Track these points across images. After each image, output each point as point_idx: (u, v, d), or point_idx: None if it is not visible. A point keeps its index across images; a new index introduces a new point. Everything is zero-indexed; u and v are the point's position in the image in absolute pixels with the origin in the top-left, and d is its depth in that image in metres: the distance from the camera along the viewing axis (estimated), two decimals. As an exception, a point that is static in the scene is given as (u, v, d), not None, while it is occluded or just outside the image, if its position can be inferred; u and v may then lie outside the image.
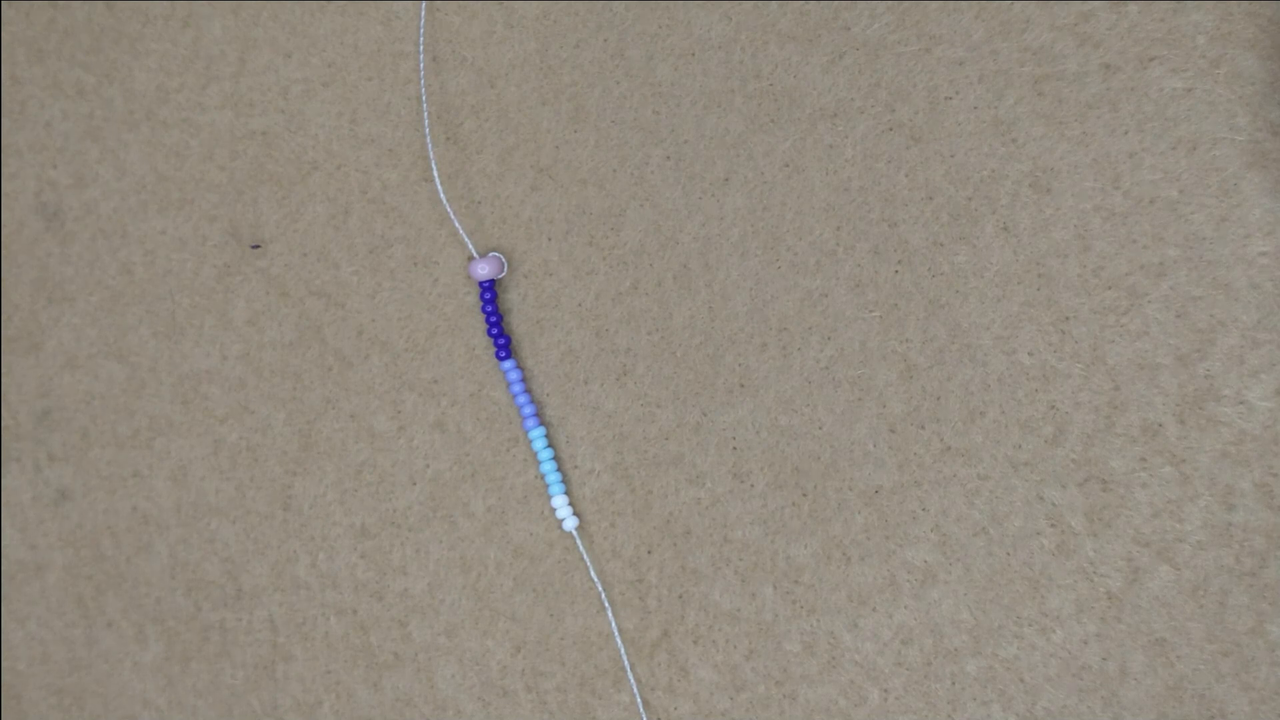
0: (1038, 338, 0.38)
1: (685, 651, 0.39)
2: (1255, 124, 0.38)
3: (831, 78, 0.40)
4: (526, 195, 0.41)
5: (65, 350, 0.43)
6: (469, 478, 0.40)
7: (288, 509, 0.41)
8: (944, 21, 0.39)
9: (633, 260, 0.40)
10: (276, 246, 0.42)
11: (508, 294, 0.41)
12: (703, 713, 0.39)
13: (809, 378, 0.39)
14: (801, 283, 0.39)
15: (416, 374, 0.41)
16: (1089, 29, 0.39)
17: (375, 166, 0.42)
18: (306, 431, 0.41)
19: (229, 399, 0.42)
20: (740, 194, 0.40)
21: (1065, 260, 0.38)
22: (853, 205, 0.39)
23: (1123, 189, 0.38)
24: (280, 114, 0.42)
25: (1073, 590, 0.37)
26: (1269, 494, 0.36)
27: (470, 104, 0.42)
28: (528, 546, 0.40)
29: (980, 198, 0.39)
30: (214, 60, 0.43)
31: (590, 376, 0.40)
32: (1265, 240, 0.37)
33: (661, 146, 0.41)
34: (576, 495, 0.40)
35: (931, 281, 0.39)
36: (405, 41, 0.42)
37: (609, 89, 0.41)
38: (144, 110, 0.43)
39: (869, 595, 0.38)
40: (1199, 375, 0.37)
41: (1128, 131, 0.38)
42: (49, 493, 0.42)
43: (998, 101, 0.39)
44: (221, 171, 0.43)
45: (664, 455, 0.40)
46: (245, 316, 0.42)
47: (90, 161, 0.43)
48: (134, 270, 0.43)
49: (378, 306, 0.41)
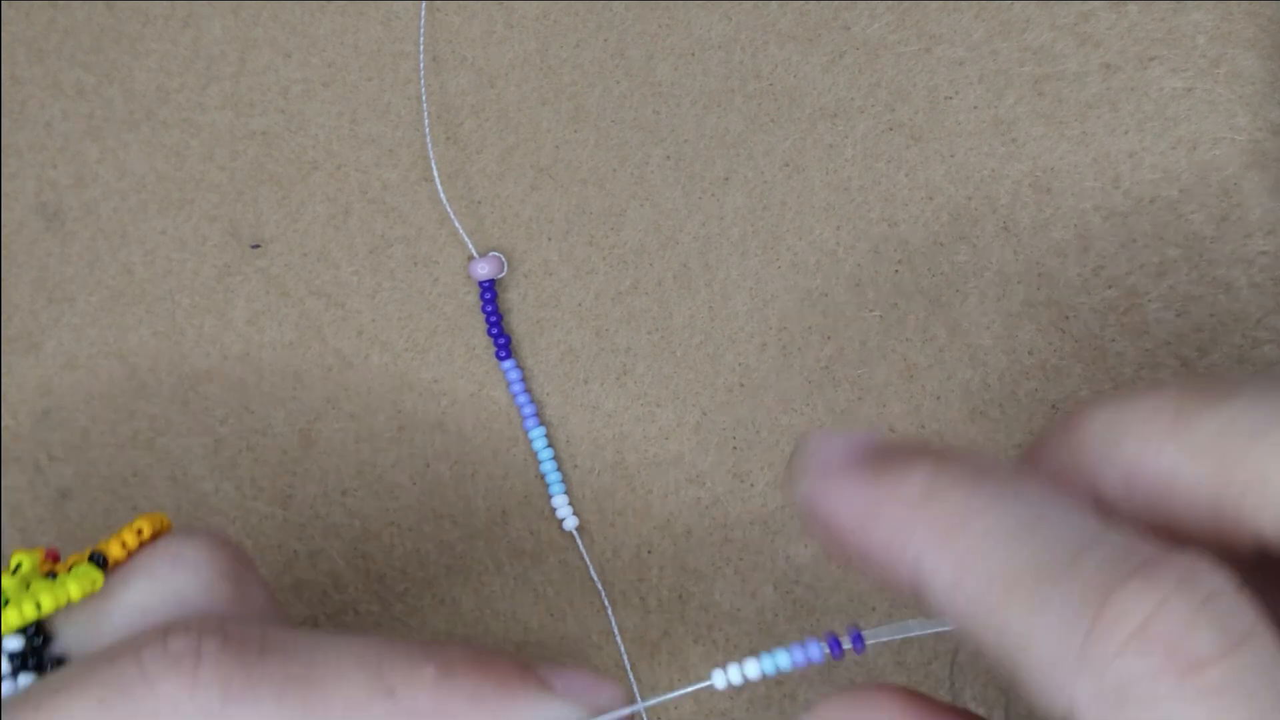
0: (1038, 337, 0.38)
1: (685, 651, 0.39)
2: (1255, 124, 0.38)
3: (831, 77, 0.40)
4: (526, 195, 0.41)
5: (65, 350, 0.43)
6: (469, 477, 0.40)
7: (288, 509, 0.41)
8: (944, 21, 0.39)
9: (633, 260, 0.40)
10: (276, 246, 0.42)
11: (508, 294, 0.41)
12: (703, 713, 0.39)
13: (809, 378, 0.39)
14: (801, 283, 0.39)
15: (416, 374, 0.41)
16: (1089, 29, 0.39)
17: (375, 166, 0.42)
18: (306, 431, 0.41)
19: (229, 399, 0.42)
20: (740, 193, 0.40)
21: (1065, 260, 0.38)
22: (853, 205, 0.39)
23: (1123, 188, 0.38)
24: (280, 114, 0.43)
25: (1073, 590, 0.37)
26: (1269, 494, 0.36)
27: (470, 104, 0.42)
28: (528, 546, 0.40)
29: (980, 197, 0.39)
30: (214, 60, 0.43)
31: (590, 376, 0.40)
32: (1265, 240, 0.37)
33: (661, 146, 0.41)
34: (576, 495, 0.40)
35: (931, 281, 0.39)
36: (405, 41, 0.42)
37: (609, 89, 0.41)
38: (144, 110, 0.43)
39: (869, 595, 0.38)
40: (1199, 375, 0.37)
41: (1128, 131, 0.38)
42: (49, 493, 0.42)
43: (998, 101, 0.39)
44: (221, 171, 0.43)
45: (664, 455, 0.40)
46: (245, 316, 0.42)
47: (90, 161, 0.43)
48: (134, 270, 0.43)
49: (378, 306, 0.41)
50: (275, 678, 0.26)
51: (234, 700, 0.25)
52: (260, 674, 0.26)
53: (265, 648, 0.26)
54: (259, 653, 0.26)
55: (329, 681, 0.26)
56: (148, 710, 0.25)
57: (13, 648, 0.29)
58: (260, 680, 0.26)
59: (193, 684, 0.25)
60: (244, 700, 0.25)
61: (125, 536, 0.31)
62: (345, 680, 0.26)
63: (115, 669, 0.26)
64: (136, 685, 0.25)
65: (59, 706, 0.25)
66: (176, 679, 0.25)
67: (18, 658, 0.29)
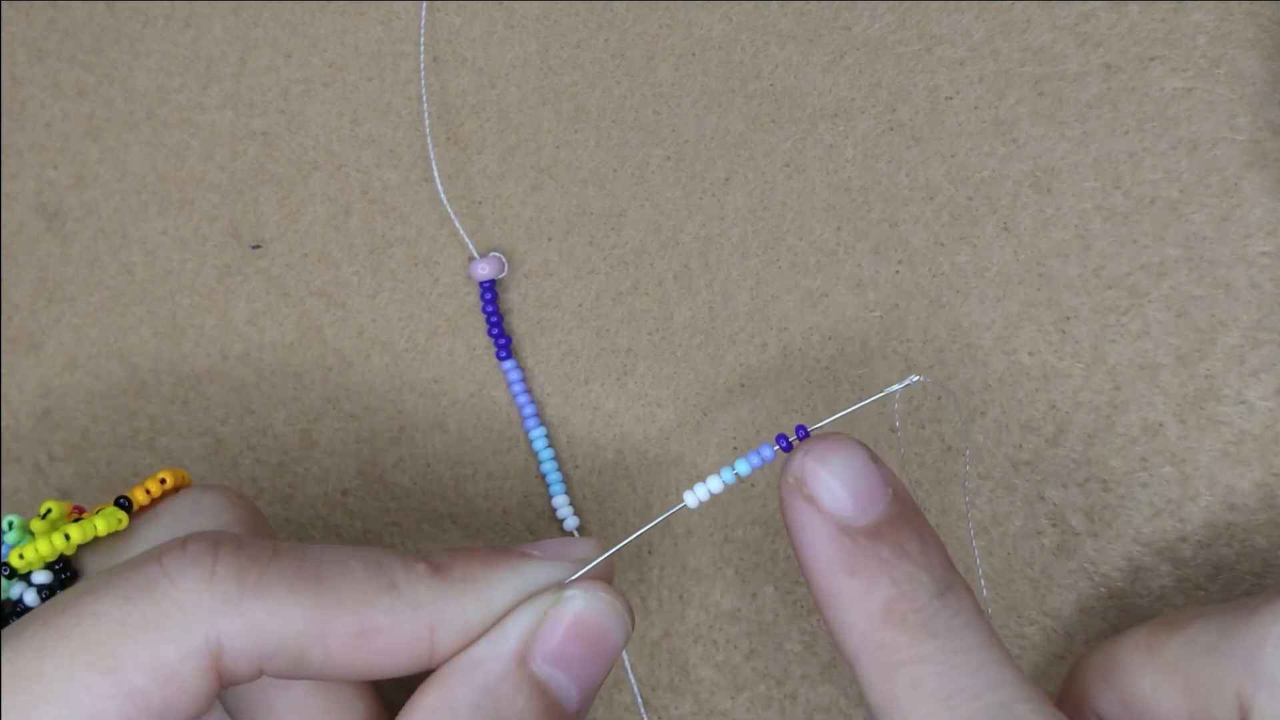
0: (1038, 337, 0.38)
1: (685, 651, 0.39)
2: (1255, 124, 0.38)
3: (832, 78, 0.40)
4: (527, 195, 0.41)
5: (65, 350, 0.43)
6: (469, 477, 0.40)
7: (288, 509, 0.41)
8: (944, 21, 0.39)
9: (633, 260, 0.40)
10: (277, 246, 0.42)
11: (508, 294, 0.41)
12: (703, 713, 0.39)
13: (809, 378, 0.39)
14: (801, 283, 0.40)
15: (417, 374, 0.41)
16: (1089, 29, 0.39)
17: (375, 166, 0.42)
18: (306, 431, 0.41)
19: (229, 399, 0.42)
20: (741, 194, 0.40)
21: (1066, 260, 0.38)
22: (853, 205, 0.39)
23: (1123, 189, 0.38)
24: (280, 114, 0.43)
25: (1073, 590, 0.37)
26: (1269, 494, 0.36)
27: (470, 104, 0.42)
28: (528, 546, 0.40)
29: (981, 198, 0.39)
30: (214, 60, 0.43)
31: (590, 376, 0.40)
32: (1265, 240, 0.37)
33: (662, 146, 0.41)
34: (576, 495, 0.40)
35: (932, 281, 0.39)
36: (405, 41, 0.42)
37: (609, 89, 0.41)
38: (144, 110, 0.43)
39: (869, 595, 0.38)
40: (1199, 375, 0.37)
41: (1128, 131, 0.38)
42: (49, 493, 0.42)
43: (998, 101, 0.39)
44: (222, 171, 0.43)
45: (664, 455, 0.40)
46: (245, 316, 0.42)
47: (90, 161, 0.43)
48: (134, 270, 0.43)
49: (378, 307, 0.41)
50: (288, 574, 0.27)
51: (250, 593, 0.27)
52: (275, 570, 0.27)
53: (276, 550, 0.28)
54: (272, 554, 0.27)
55: (337, 579, 0.27)
56: (170, 602, 0.26)
57: (41, 581, 0.31)
58: (275, 576, 0.27)
59: (210, 577, 0.27)
60: (260, 593, 0.27)
61: (149, 485, 0.33)
62: (352, 577, 0.28)
63: (137, 570, 0.27)
64: (159, 581, 0.27)
65: (85, 606, 0.26)
66: (195, 573, 0.27)
67: (46, 590, 0.31)
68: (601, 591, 0.29)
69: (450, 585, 0.28)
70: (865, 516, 0.28)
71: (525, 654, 0.28)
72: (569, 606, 0.28)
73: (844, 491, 0.29)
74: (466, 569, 0.29)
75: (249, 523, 0.32)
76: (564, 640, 0.28)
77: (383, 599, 0.28)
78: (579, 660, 0.28)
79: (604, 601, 0.29)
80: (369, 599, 0.27)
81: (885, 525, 0.28)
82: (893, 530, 0.28)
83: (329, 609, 0.27)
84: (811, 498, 0.29)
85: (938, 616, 0.28)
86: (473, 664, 0.28)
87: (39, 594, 0.31)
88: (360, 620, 0.27)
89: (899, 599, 0.28)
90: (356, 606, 0.27)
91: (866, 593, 0.28)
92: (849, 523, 0.28)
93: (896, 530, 0.28)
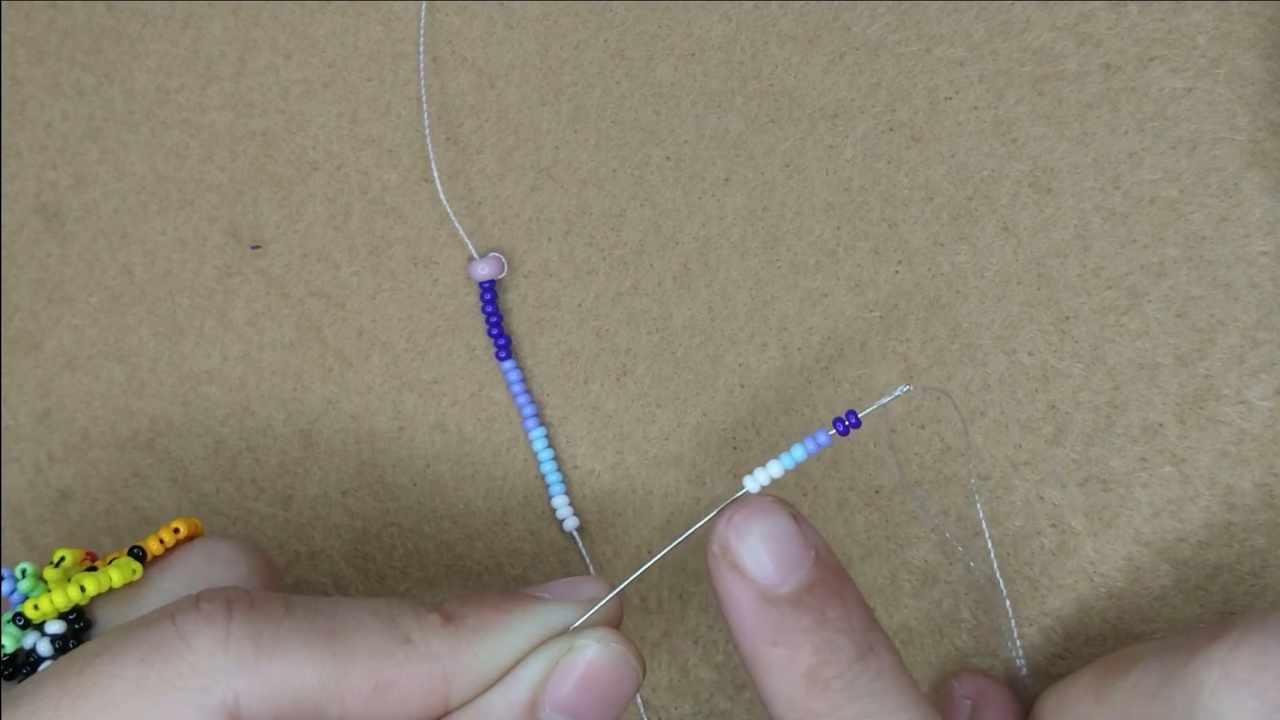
0: (1038, 337, 0.38)
1: (685, 651, 0.39)
2: (1255, 124, 0.38)
3: (832, 78, 0.40)
4: (526, 195, 0.41)
5: (65, 350, 0.43)
6: (469, 478, 0.40)
7: (288, 509, 0.41)
8: (944, 21, 0.39)
9: (633, 260, 0.40)
10: (276, 247, 0.42)
11: (508, 294, 0.41)
12: (703, 713, 0.39)
13: (809, 378, 0.39)
14: (801, 283, 0.40)
15: (416, 374, 0.41)
16: (1089, 29, 0.39)
17: (375, 167, 0.42)
18: (307, 431, 0.41)
19: (229, 399, 0.42)
20: (740, 194, 0.40)
21: (1065, 260, 0.38)
22: (853, 205, 0.39)
23: (1123, 189, 0.38)
24: (280, 114, 0.43)
25: (1073, 590, 0.37)
26: (1269, 494, 0.36)
27: (470, 104, 0.42)
28: (527, 547, 0.40)
29: (980, 198, 0.39)
30: (214, 61, 0.43)
31: (590, 376, 0.40)
32: (1265, 240, 0.37)
33: (661, 146, 0.41)
34: (576, 495, 0.40)
35: (931, 281, 0.39)
36: (405, 42, 0.42)
37: (609, 89, 0.41)
38: (144, 111, 0.43)
39: (869, 595, 0.38)
40: (1199, 375, 0.37)
41: (1128, 131, 0.38)
42: (49, 493, 0.42)
43: (998, 101, 0.39)
44: (221, 172, 0.43)
45: (664, 455, 0.40)
46: (245, 317, 0.42)
47: (90, 162, 0.43)
48: (134, 271, 0.43)
49: (378, 307, 0.41)
50: (303, 631, 0.27)
51: (266, 652, 0.27)
52: (289, 627, 0.27)
53: (290, 607, 0.28)
54: (285, 610, 0.28)
55: (351, 633, 0.28)
56: (187, 665, 0.26)
57: (55, 631, 0.31)
58: (289, 634, 0.27)
59: (226, 637, 0.27)
60: (275, 652, 0.27)
61: (163, 534, 0.33)
62: (366, 632, 0.28)
63: (152, 630, 0.27)
64: (174, 643, 0.27)
65: (102, 668, 0.27)
66: (210, 634, 0.27)
67: (59, 640, 0.31)
68: (615, 641, 0.29)
69: (463, 635, 0.28)
70: (788, 583, 0.29)
71: (535, 703, 0.28)
72: (580, 656, 0.29)
73: (768, 558, 0.29)
74: (478, 617, 0.29)
75: (263, 574, 0.33)
76: (574, 690, 0.29)
77: (397, 652, 0.28)
78: (588, 710, 0.29)
79: (616, 652, 0.29)
80: (383, 653, 0.28)
81: (806, 593, 0.29)
82: (814, 598, 0.29)
83: (344, 665, 0.27)
84: (736, 565, 0.29)
85: (859, 680, 0.28)
86: (483, 712, 0.28)
87: (52, 644, 0.31)
88: (375, 675, 0.27)
89: (821, 665, 0.28)
90: (371, 661, 0.27)
91: (790, 662, 0.29)
92: (773, 589, 0.29)
93: (818, 597, 0.29)
